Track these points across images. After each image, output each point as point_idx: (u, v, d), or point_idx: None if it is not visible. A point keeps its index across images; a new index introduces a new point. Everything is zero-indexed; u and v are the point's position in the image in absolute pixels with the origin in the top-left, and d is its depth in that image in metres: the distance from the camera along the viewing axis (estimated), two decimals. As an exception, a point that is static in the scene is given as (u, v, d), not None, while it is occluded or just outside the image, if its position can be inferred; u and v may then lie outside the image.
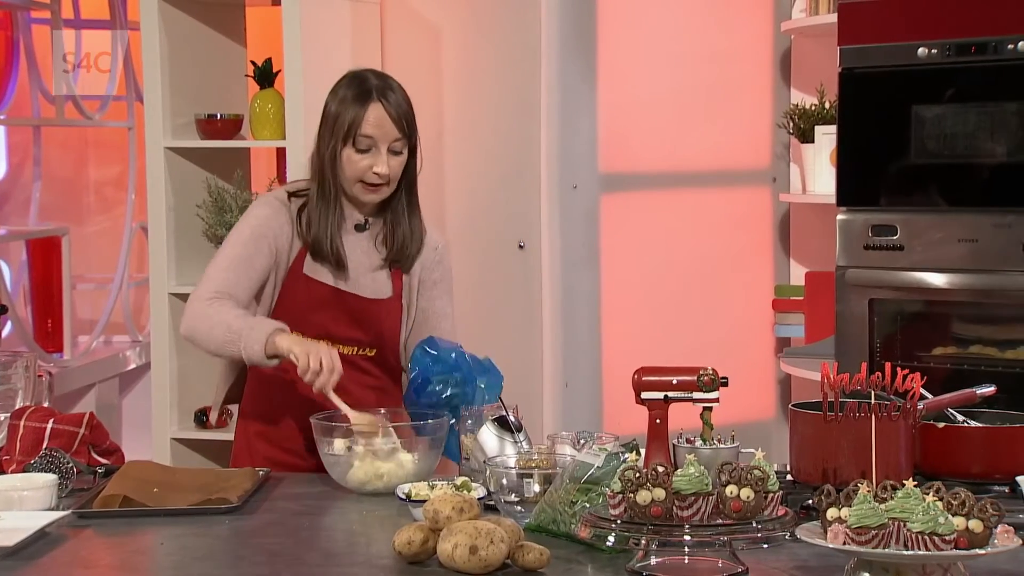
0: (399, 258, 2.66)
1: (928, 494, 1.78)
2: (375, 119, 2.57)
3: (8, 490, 2.21)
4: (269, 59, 3.64)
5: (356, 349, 2.66)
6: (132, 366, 4.87)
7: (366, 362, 2.68)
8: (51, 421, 2.49)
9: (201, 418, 3.67)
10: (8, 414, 2.60)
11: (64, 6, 4.69)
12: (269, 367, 2.52)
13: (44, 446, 2.44)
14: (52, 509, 2.21)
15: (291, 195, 2.66)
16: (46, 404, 2.69)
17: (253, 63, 3.67)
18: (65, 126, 4.85)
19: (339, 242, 2.61)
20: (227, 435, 3.67)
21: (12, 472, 2.41)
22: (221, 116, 3.66)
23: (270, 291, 2.63)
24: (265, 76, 3.64)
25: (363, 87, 2.59)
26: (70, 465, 2.36)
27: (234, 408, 3.75)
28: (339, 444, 2.37)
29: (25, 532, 2.03)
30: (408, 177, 2.65)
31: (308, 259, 2.63)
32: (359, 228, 2.66)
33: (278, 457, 2.65)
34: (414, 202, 2.67)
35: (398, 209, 2.65)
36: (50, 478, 2.27)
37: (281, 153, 3.94)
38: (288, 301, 2.63)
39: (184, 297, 3.66)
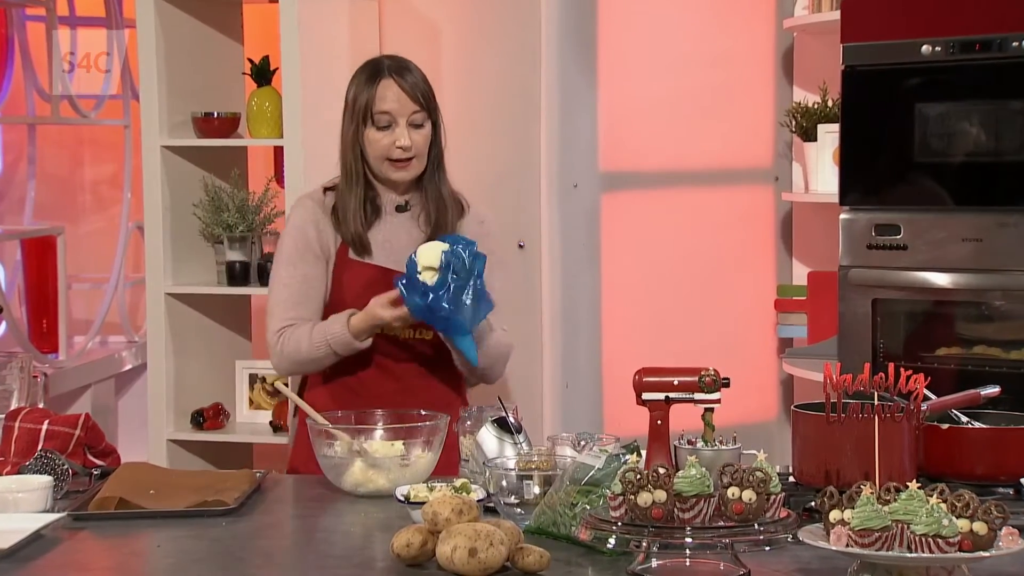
0: (439, 230, 2.68)
1: (932, 496, 1.77)
2: (390, 95, 2.63)
3: (3, 492, 2.21)
4: (266, 57, 3.63)
5: (413, 333, 2.68)
6: (128, 367, 4.86)
7: (423, 345, 2.70)
8: (46, 422, 2.49)
9: (198, 419, 3.65)
10: (3, 415, 2.59)
11: (59, 3, 4.66)
12: (368, 344, 2.63)
13: (39, 448, 2.44)
14: (47, 511, 2.21)
15: (327, 189, 2.73)
16: (41, 405, 2.68)
17: (250, 61, 3.66)
18: (60, 124, 4.83)
19: (361, 227, 2.66)
20: (223, 437, 3.67)
21: (7, 474, 2.40)
22: (218, 114, 3.66)
23: (328, 282, 2.70)
24: (262, 74, 3.63)
25: (376, 67, 2.67)
26: (65, 467, 2.35)
27: (230, 408, 3.76)
28: (338, 447, 2.36)
29: (20, 534, 2.03)
30: (435, 152, 2.70)
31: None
32: (400, 209, 2.71)
33: None
34: (444, 177, 2.73)
35: (432, 185, 2.70)
36: (45, 480, 2.26)
37: (279, 152, 3.93)
38: (341, 288, 2.68)
39: (180, 297, 3.66)
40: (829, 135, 3.80)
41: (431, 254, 2.53)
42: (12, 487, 2.23)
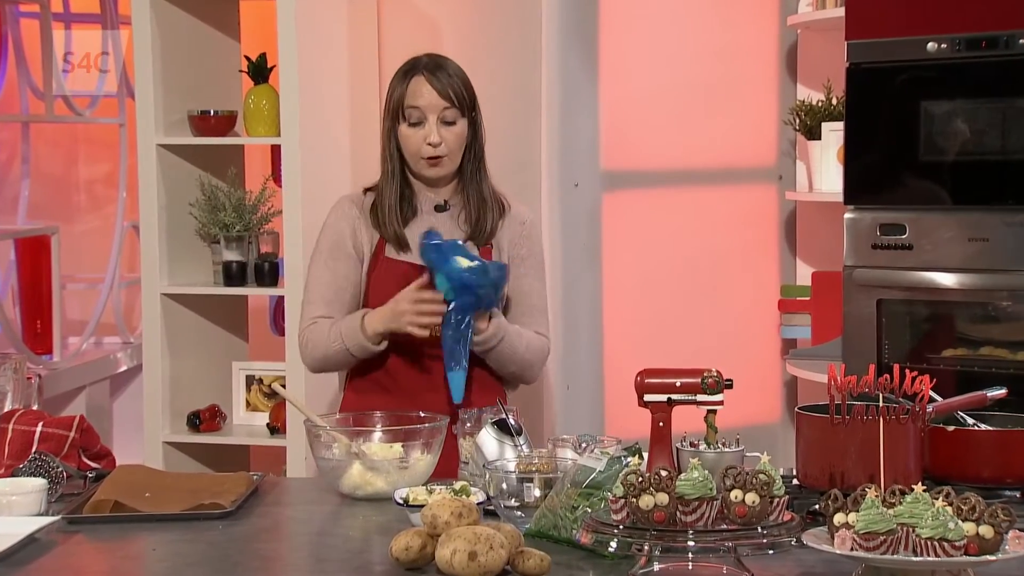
0: (479, 231, 2.67)
1: (938, 499, 1.76)
2: (420, 91, 2.64)
3: None
4: (263, 54, 3.61)
5: (431, 332, 2.64)
6: (123, 368, 4.84)
7: None
8: (40, 424, 2.48)
9: (194, 421, 3.62)
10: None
11: (54, 1, 4.63)
12: (381, 348, 2.63)
13: (33, 450, 2.43)
14: (41, 514, 2.20)
15: (367, 190, 2.75)
16: (35, 407, 2.65)
17: (247, 58, 3.64)
18: (55, 123, 4.81)
19: (398, 224, 2.66)
20: (220, 439, 3.64)
21: (0, 476, 2.38)
22: (214, 112, 3.64)
23: (361, 281, 2.71)
24: (259, 71, 3.61)
25: (411, 65, 2.69)
26: (60, 469, 2.35)
27: (227, 410, 3.73)
28: (336, 449, 2.35)
29: (14, 538, 2.03)
30: (475, 151, 2.70)
31: (388, 244, 2.70)
32: (439, 209, 2.70)
33: None
34: (484, 176, 2.72)
35: (471, 184, 2.69)
36: (39, 483, 2.25)
37: (276, 150, 3.90)
38: (376, 286, 2.68)
39: (176, 297, 3.64)
40: (833, 133, 3.80)
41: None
42: (6, 490, 2.22)
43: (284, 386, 3.32)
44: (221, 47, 3.80)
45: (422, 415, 2.46)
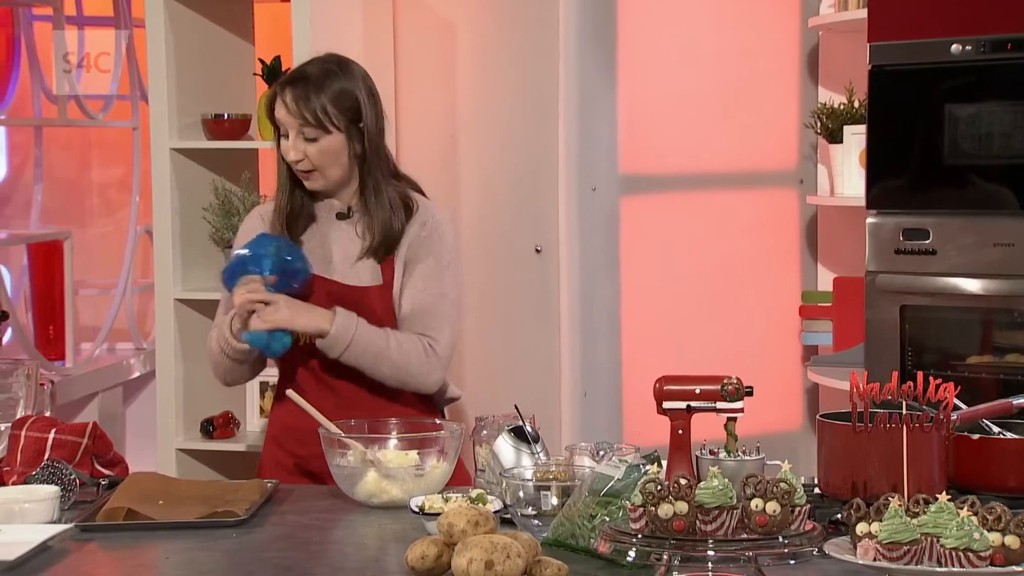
0: (381, 240, 2.62)
1: (962, 508, 1.75)
2: (280, 105, 2.61)
3: (9, 502, 2.19)
4: (278, 57, 3.60)
5: (308, 339, 2.60)
6: (136, 374, 4.84)
7: None
8: (53, 431, 2.47)
9: (208, 428, 3.61)
10: (8, 424, 2.58)
11: (67, 3, 4.63)
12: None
13: (46, 457, 2.42)
14: (54, 522, 2.19)
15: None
16: (48, 413, 2.64)
17: (262, 61, 3.63)
18: (68, 126, 4.80)
19: (285, 233, 2.64)
20: (233, 446, 3.63)
21: (13, 484, 2.38)
22: (228, 116, 3.64)
23: None
24: (274, 74, 3.59)
25: (282, 78, 2.66)
26: (72, 477, 2.34)
27: (240, 416, 3.71)
28: (351, 457, 2.33)
29: (26, 546, 2.02)
30: (368, 160, 2.62)
31: None
32: (340, 216, 2.66)
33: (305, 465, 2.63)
34: (382, 184, 2.63)
35: (369, 195, 2.63)
36: (52, 490, 2.24)
37: (290, 154, 3.88)
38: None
39: (190, 303, 3.62)
40: (855, 137, 3.79)
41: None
42: (19, 497, 2.21)
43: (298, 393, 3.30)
44: (235, 50, 3.79)
45: (438, 422, 2.44)
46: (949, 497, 1.77)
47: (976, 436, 2.15)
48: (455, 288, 2.64)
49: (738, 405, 2.13)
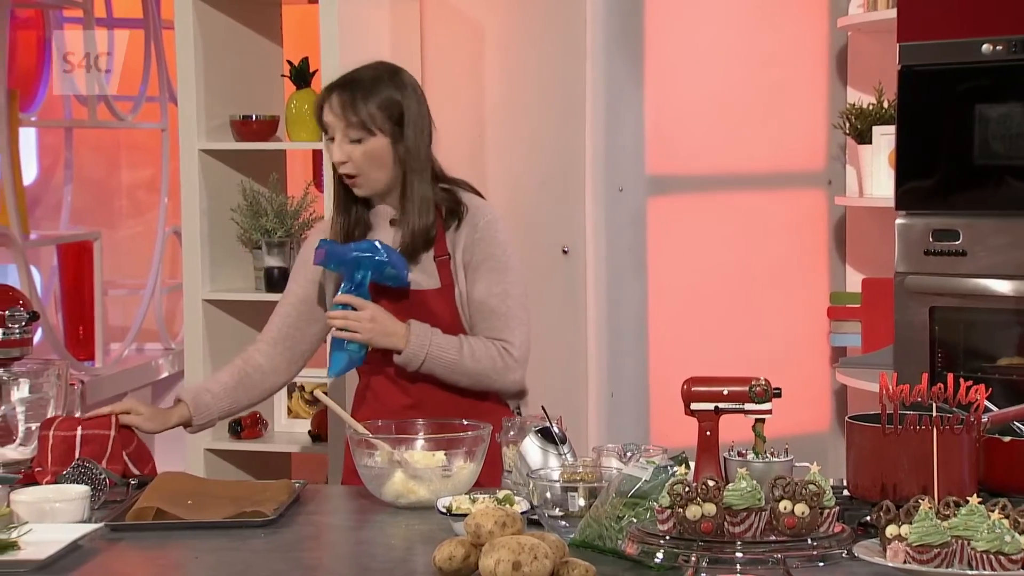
0: (407, 248, 2.62)
1: (993, 511, 1.74)
2: (327, 109, 2.64)
3: (40, 501, 2.21)
4: (306, 58, 3.60)
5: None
6: (165, 374, 4.85)
7: None
8: (79, 429, 2.48)
9: (236, 428, 3.61)
10: (38, 424, 2.58)
11: (97, 5, 4.65)
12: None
13: (77, 454, 2.43)
14: (84, 521, 2.20)
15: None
16: (78, 414, 2.65)
17: (289, 62, 3.64)
18: (97, 128, 4.82)
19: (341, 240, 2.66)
20: (261, 446, 3.64)
21: (46, 484, 2.39)
22: (256, 117, 3.64)
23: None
24: (302, 76, 3.61)
25: (326, 87, 2.69)
26: (103, 476, 2.35)
27: (268, 417, 3.72)
28: (378, 457, 2.33)
29: (57, 545, 2.04)
30: (408, 163, 2.63)
31: None
32: (394, 223, 2.67)
33: None
34: (420, 186, 2.64)
35: (409, 198, 2.64)
36: (83, 490, 2.26)
37: (318, 155, 3.91)
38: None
39: (218, 304, 3.62)
40: (884, 137, 3.77)
41: None
42: (50, 496, 2.23)
43: (326, 393, 3.31)
44: (263, 51, 3.80)
45: (465, 423, 2.44)
46: (980, 500, 1.77)
47: (1007, 439, 2.14)
48: (517, 285, 2.65)
49: (766, 407, 2.13)
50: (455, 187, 2.70)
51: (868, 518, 1.99)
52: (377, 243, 2.59)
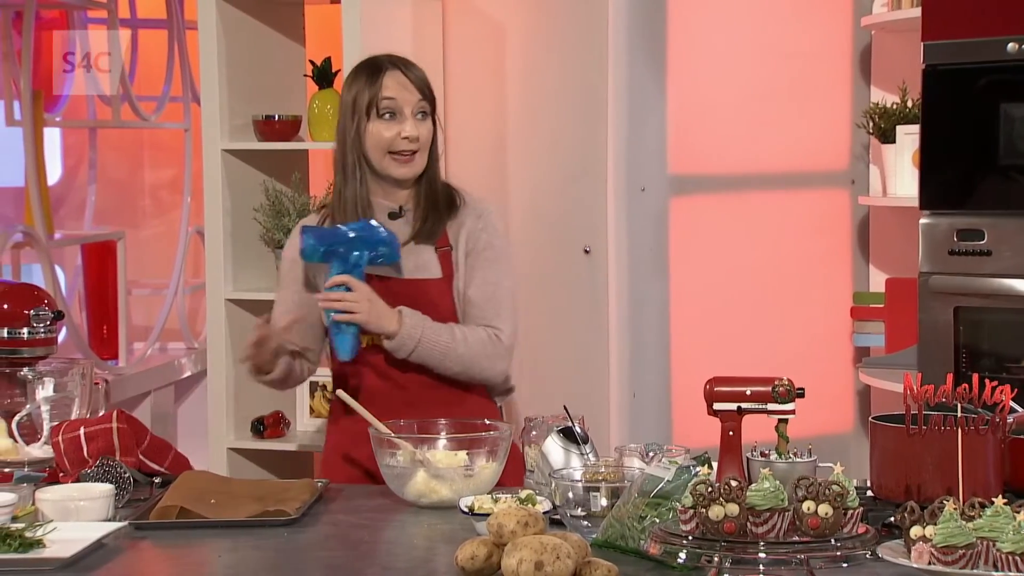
0: (426, 229, 2.62)
1: (1019, 512, 1.74)
2: (395, 84, 2.60)
3: (65, 500, 2.22)
4: (328, 58, 3.61)
5: (370, 339, 2.60)
6: (187, 374, 4.86)
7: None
8: (82, 428, 2.49)
9: (258, 427, 3.62)
10: (55, 423, 2.59)
11: (120, 5, 4.67)
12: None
13: (85, 452, 2.44)
14: (109, 520, 2.21)
15: (322, 207, 2.79)
16: (102, 413, 2.66)
17: (312, 63, 3.64)
18: (121, 128, 4.84)
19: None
20: (284, 445, 3.64)
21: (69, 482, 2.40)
22: (279, 117, 3.65)
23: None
24: (324, 76, 3.61)
25: (374, 64, 2.64)
26: (127, 475, 2.36)
27: (291, 416, 3.73)
28: (400, 457, 2.33)
29: (82, 543, 2.05)
30: (434, 151, 2.65)
31: None
32: (393, 216, 2.65)
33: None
34: (438, 175, 2.67)
35: (427, 186, 2.64)
36: (107, 488, 2.27)
37: (340, 155, 3.89)
38: None
39: (241, 303, 3.63)
40: (908, 137, 3.74)
41: None
42: (74, 495, 2.24)
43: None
44: (286, 51, 3.81)
45: (487, 422, 2.44)
46: (1005, 501, 1.76)
47: (1033, 439, 2.13)
48: (510, 277, 2.66)
49: (789, 407, 2.12)
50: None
51: (892, 519, 1.98)
52: (372, 221, 2.57)
